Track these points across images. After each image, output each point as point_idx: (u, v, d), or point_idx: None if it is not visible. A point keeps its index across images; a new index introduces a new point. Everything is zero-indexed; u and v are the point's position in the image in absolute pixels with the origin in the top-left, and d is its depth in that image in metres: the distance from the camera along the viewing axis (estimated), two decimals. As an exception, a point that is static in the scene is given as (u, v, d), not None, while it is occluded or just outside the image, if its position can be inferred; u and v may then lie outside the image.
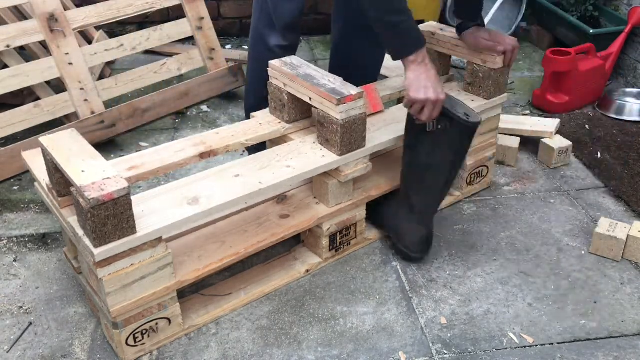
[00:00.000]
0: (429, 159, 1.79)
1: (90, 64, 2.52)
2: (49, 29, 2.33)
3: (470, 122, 1.73)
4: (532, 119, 2.65)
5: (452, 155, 1.78)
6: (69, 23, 2.39)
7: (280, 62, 1.88)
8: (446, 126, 1.71)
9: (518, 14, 3.67)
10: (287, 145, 1.84)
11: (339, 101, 1.67)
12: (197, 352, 1.64)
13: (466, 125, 1.73)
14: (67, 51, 2.38)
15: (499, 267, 1.95)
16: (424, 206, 1.90)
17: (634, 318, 1.76)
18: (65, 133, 1.58)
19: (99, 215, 1.37)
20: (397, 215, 1.94)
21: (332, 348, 1.65)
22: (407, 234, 1.92)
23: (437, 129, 1.72)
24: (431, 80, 1.69)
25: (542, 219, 2.17)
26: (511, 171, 2.46)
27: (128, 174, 1.62)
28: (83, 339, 1.68)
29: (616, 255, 1.97)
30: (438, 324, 1.73)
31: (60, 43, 2.36)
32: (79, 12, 2.49)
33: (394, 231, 1.96)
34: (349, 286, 1.86)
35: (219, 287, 1.83)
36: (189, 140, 1.80)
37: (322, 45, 3.78)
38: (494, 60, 1.99)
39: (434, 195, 1.90)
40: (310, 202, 1.89)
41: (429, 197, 1.89)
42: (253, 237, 1.76)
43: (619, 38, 3.10)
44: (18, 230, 2.11)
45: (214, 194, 1.61)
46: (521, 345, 1.67)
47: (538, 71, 3.39)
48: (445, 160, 1.79)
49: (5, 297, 1.82)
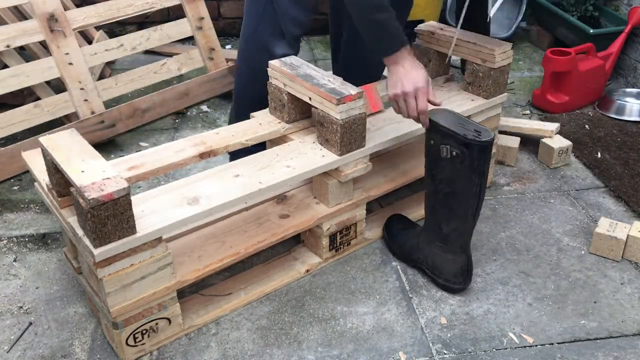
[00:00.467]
0: (453, 185, 1.71)
1: (91, 64, 2.52)
2: (49, 29, 2.33)
3: (483, 140, 1.65)
4: (532, 122, 2.64)
5: (475, 177, 1.68)
6: (69, 23, 2.39)
7: (280, 62, 1.88)
8: (462, 150, 1.65)
9: (518, 14, 3.67)
10: (287, 145, 1.84)
11: (339, 101, 1.67)
12: (197, 352, 1.64)
13: (480, 144, 1.64)
14: (67, 51, 2.38)
15: (499, 267, 1.95)
16: (459, 234, 1.78)
17: (634, 318, 1.76)
18: (65, 133, 1.58)
19: (98, 215, 1.37)
20: (430, 249, 1.84)
21: (332, 348, 1.65)
22: (446, 267, 1.82)
23: (452, 155, 1.67)
24: (408, 74, 1.68)
25: (542, 219, 2.17)
26: (511, 171, 2.46)
27: (128, 174, 1.62)
28: (83, 339, 1.68)
29: (616, 255, 1.97)
30: (438, 324, 1.73)
31: (60, 43, 2.36)
32: (79, 12, 2.49)
33: (430, 267, 1.86)
34: (349, 286, 1.86)
35: (219, 287, 1.84)
36: (189, 140, 1.80)
37: (322, 45, 3.78)
38: (493, 60, 2.00)
39: (466, 221, 1.76)
40: (310, 202, 1.89)
41: (462, 224, 1.76)
42: (253, 237, 1.76)
43: (619, 38, 3.10)
44: (18, 230, 2.11)
45: (214, 194, 1.61)
46: (521, 345, 1.67)
47: (538, 71, 3.39)
48: (470, 184, 1.69)
49: (5, 297, 1.82)
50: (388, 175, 2.05)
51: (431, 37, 2.15)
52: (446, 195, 1.73)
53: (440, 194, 1.74)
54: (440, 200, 1.76)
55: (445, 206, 1.75)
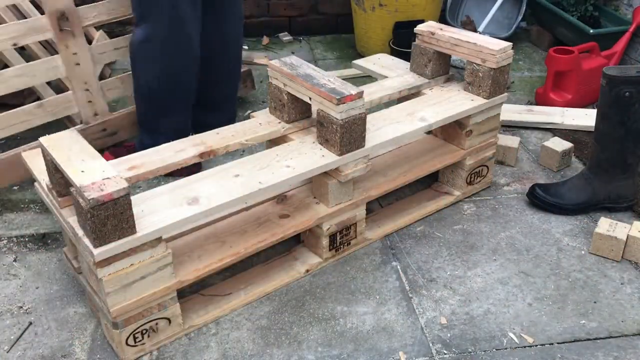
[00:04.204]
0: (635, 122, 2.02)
1: (98, 64, 2.48)
2: (59, 27, 2.31)
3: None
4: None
5: None
6: (80, 20, 2.35)
7: (280, 62, 1.88)
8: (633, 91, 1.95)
9: (518, 14, 3.67)
10: (286, 145, 1.84)
11: (339, 101, 1.67)
12: (197, 352, 1.64)
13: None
14: (75, 51, 2.36)
15: (499, 267, 1.95)
16: (638, 159, 2.13)
17: (634, 318, 1.76)
18: (65, 133, 1.58)
19: (98, 215, 1.37)
20: (612, 186, 2.14)
21: (332, 348, 1.65)
22: (629, 192, 2.16)
23: (625, 96, 1.95)
24: None
25: (542, 219, 2.17)
26: (511, 171, 2.46)
27: (128, 174, 1.62)
28: (83, 339, 1.68)
29: (616, 255, 1.97)
30: (438, 324, 1.73)
31: (69, 42, 2.34)
32: (91, 8, 2.42)
33: (614, 200, 2.17)
34: (349, 286, 1.86)
35: (219, 287, 1.84)
36: (189, 140, 1.80)
37: (322, 45, 3.78)
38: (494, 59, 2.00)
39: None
40: (310, 202, 1.89)
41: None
42: (253, 237, 1.76)
43: (623, 37, 3.09)
44: (18, 230, 2.11)
45: (214, 194, 1.61)
46: (521, 345, 1.67)
47: (538, 71, 3.39)
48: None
49: (5, 297, 1.83)
50: (388, 175, 2.05)
51: (431, 37, 2.15)
52: (636, 131, 2.04)
53: (632, 131, 2.03)
54: (633, 137, 2.05)
55: (634, 140, 2.06)
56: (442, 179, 2.28)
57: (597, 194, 2.16)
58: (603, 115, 2.06)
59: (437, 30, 2.15)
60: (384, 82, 2.20)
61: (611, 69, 1.99)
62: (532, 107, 2.89)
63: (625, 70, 1.99)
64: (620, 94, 1.96)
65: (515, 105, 2.91)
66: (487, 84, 2.06)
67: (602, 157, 2.12)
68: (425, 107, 2.05)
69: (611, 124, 2.04)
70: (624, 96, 1.96)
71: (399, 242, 2.05)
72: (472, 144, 2.15)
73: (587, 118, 2.77)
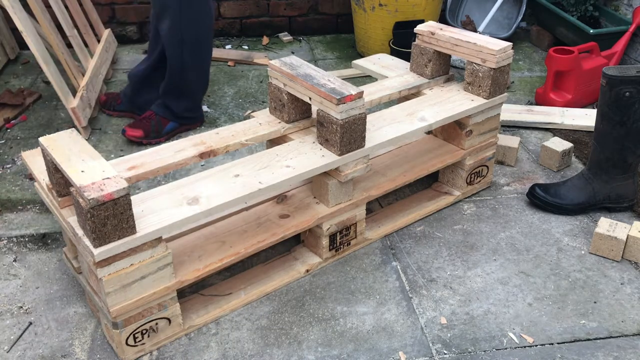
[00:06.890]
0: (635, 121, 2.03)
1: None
2: None
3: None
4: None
5: None
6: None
7: (280, 62, 1.88)
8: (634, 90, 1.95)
9: (518, 14, 3.67)
10: (286, 145, 1.84)
11: (339, 101, 1.67)
12: (197, 352, 1.64)
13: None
14: None
15: (499, 267, 1.95)
16: (638, 159, 2.13)
17: (634, 318, 1.76)
18: (65, 133, 1.58)
19: (98, 215, 1.37)
20: (612, 186, 2.15)
21: (332, 348, 1.65)
22: (629, 191, 2.16)
23: (625, 96, 1.95)
24: None
25: (542, 219, 2.17)
26: (511, 171, 2.46)
27: (128, 174, 1.62)
28: (83, 339, 1.68)
29: (616, 255, 1.97)
30: (438, 324, 1.73)
31: None
32: None
33: (614, 200, 2.17)
34: (349, 286, 1.86)
35: (219, 287, 1.84)
36: (189, 140, 1.80)
37: (322, 45, 3.78)
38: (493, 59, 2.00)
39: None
40: (310, 202, 1.89)
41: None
42: (253, 237, 1.76)
43: (623, 37, 3.09)
44: (18, 230, 2.11)
45: (214, 194, 1.61)
46: (521, 345, 1.67)
47: (538, 71, 3.39)
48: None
49: (5, 297, 1.83)
50: (388, 175, 2.05)
51: (431, 37, 2.15)
52: (636, 131, 2.04)
53: (632, 131, 2.03)
54: (630, 137, 2.05)
55: (633, 140, 2.06)
56: (442, 179, 2.28)
57: (597, 194, 2.16)
58: (603, 115, 2.05)
59: (437, 30, 2.16)
60: (384, 82, 2.20)
61: (611, 69, 1.99)
62: (532, 107, 2.89)
63: (625, 70, 1.98)
64: (620, 94, 1.96)
65: (515, 105, 2.91)
66: (487, 84, 2.06)
67: (602, 157, 2.12)
68: (425, 107, 2.05)
69: (611, 124, 2.04)
70: (624, 96, 1.96)
71: (399, 242, 2.05)
72: (472, 144, 2.15)
73: (587, 118, 2.77)
